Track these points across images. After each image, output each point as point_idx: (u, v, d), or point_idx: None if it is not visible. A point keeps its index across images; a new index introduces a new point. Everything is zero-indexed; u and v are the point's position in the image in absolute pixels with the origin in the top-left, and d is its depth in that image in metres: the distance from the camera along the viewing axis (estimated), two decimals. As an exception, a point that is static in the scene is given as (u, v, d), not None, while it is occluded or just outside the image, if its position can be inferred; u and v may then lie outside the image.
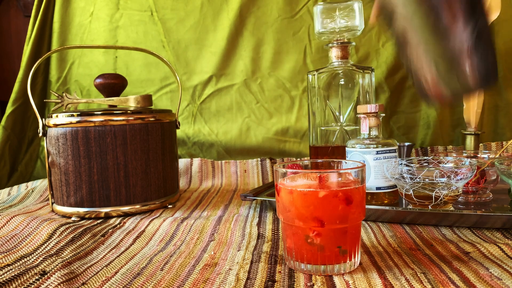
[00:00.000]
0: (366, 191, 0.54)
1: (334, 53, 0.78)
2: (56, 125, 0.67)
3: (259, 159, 1.01)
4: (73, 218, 0.66)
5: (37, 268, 0.44)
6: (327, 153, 0.80)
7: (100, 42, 1.11)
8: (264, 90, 1.09)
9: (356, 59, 1.06)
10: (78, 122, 0.66)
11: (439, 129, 1.05)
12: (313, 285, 0.39)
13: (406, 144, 0.89)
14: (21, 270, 0.43)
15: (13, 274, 0.42)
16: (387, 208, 0.59)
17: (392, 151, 0.63)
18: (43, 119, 0.69)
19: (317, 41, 1.06)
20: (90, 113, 0.66)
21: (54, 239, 0.54)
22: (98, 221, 0.64)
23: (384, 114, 0.65)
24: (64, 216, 0.68)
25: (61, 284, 0.40)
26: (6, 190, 0.91)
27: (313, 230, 0.40)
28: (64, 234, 0.55)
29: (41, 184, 0.90)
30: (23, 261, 0.47)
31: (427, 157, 0.64)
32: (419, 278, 0.39)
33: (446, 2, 0.36)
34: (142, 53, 1.09)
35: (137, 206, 0.68)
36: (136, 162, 0.68)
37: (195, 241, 0.53)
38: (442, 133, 1.07)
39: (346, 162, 0.48)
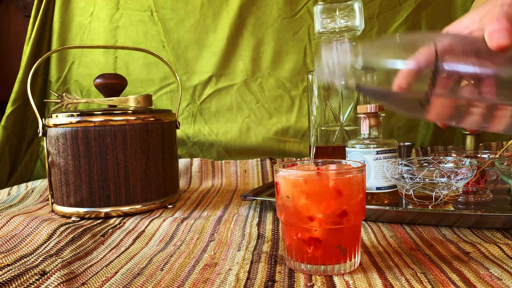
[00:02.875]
0: (366, 191, 0.54)
1: (334, 53, 0.78)
2: (56, 125, 0.67)
3: (259, 159, 1.01)
4: (73, 218, 0.66)
5: (37, 268, 0.44)
6: (327, 153, 0.80)
7: (100, 42, 1.11)
8: (264, 90, 1.09)
9: (356, 59, 1.06)
10: (78, 122, 0.66)
11: (439, 129, 1.05)
12: (313, 285, 0.39)
13: (406, 144, 0.89)
14: (21, 270, 0.43)
15: (13, 274, 0.42)
16: (387, 208, 0.59)
17: (392, 151, 0.63)
18: (43, 119, 0.69)
19: (317, 41, 1.06)
20: (90, 113, 0.66)
21: (54, 239, 0.54)
22: (98, 221, 0.64)
23: (384, 114, 0.65)
24: (64, 216, 0.68)
25: (61, 284, 0.40)
26: (6, 190, 0.90)
27: (313, 230, 0.40)
28: (64, 234, 0.55)
29: (41, 184, 0.90)
30: (23, 261, 0.47)
31: (427, 157, 0.64)
32: (419, 278, 0.39)
33: None
34: (142, 53, 1.09)
35: (137, 206, 0.68)
36: (136, 162, 0.68)
37: (195, 241, 0.53)
38: (442, 133, 1.07)
39: (346, 162, 0.48)
